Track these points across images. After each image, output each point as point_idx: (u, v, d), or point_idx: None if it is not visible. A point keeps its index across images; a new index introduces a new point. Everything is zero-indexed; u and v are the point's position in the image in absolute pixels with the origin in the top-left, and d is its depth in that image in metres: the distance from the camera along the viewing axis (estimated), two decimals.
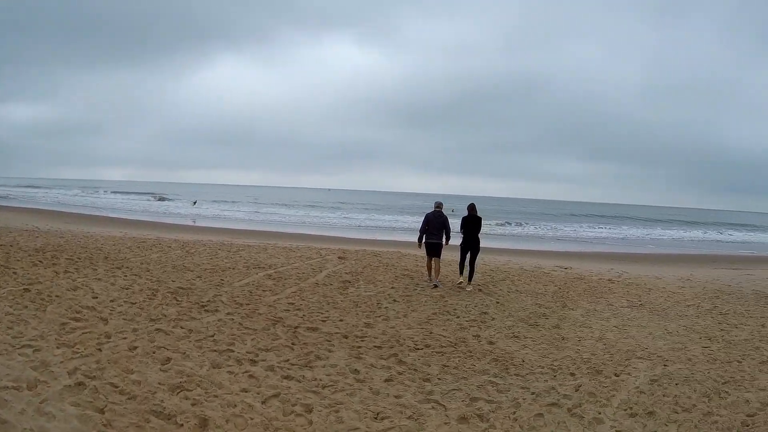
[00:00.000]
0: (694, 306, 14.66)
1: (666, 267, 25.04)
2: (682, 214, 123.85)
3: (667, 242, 49.79)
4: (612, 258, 28.92)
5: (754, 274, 23.12)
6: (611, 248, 37.92)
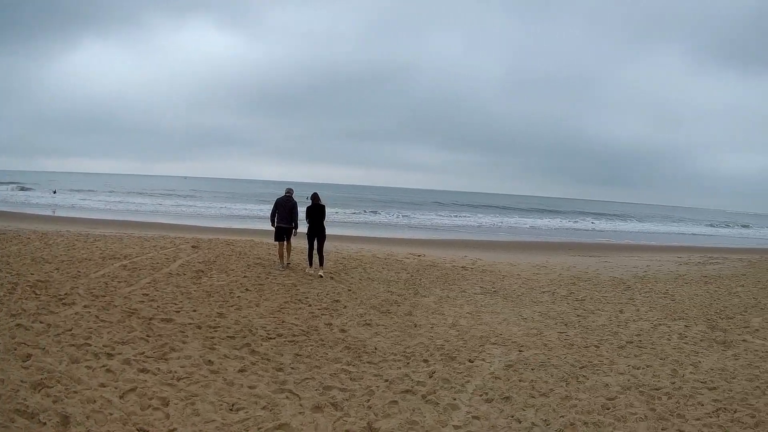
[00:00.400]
0: (549, 292, 15.41)
1: (521, 254, 26.32)
2: (540, 203, 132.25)
3: (523, 230, 52.33)
4: (466, 245, 30.69)
5: (611, 261, 24.64)
6: (466, 236, 39.94)
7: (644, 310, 13.80)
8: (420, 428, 6.26)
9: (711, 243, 49.74)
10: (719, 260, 27.29)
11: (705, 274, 21.39)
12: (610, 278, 18.81)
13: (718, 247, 42.13)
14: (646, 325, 12.17)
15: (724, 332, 11.80)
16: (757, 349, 10.64)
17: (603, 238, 46.94)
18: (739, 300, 15.77)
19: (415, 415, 6.57)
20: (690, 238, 58.15)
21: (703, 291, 17.07)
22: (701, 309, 14.14)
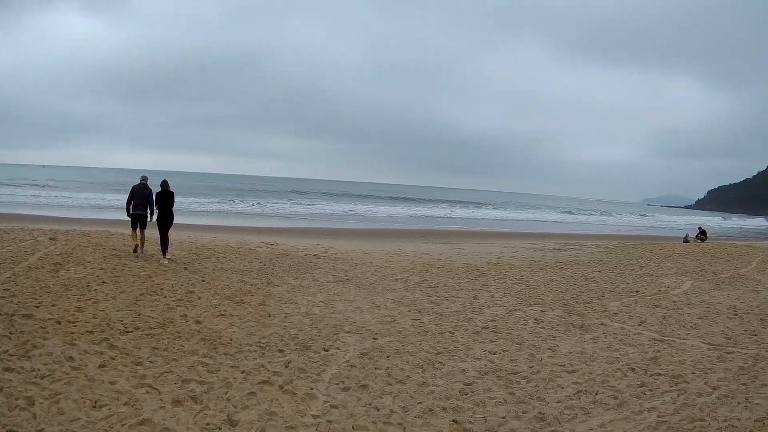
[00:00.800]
0: (402, 280, 15.89)
1: (374, 242, 26.96)
2: (396, 191, 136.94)
3: (377, 218, 54.05)
4: (319, 233, 32.01)
5: (465, 248, 25.57)
6: (319, 224, 41.24)
7: (499, 296, 14.52)
8: (279, 419, 6.42)
9: (568, 230, 52.58)
10: (575, 246, 28.94)
11: (560, 260, 22.70)
12: (463, 265, 19.59)
13: (574, 234, 44.59)
14: (501, 310, 12.81)
15: (581, 317, 12.61)
16: (616, 332, 11.42)
17: (457, 225, 48.88)
18: (596, 285, 16.87)
19: (274, 405, 6.75)
20: (546, 225, 61.39)
21: (558, 276, 18.15)
22: (557, 294, 15.06)
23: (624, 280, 18.04)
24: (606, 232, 51.96)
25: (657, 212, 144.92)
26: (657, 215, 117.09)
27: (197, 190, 78.48)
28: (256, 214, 51.44)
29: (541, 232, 46.34)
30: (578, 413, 7.10)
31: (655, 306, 14.27)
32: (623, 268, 21.09)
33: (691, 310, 14.00)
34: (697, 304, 14.73)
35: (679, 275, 19.96)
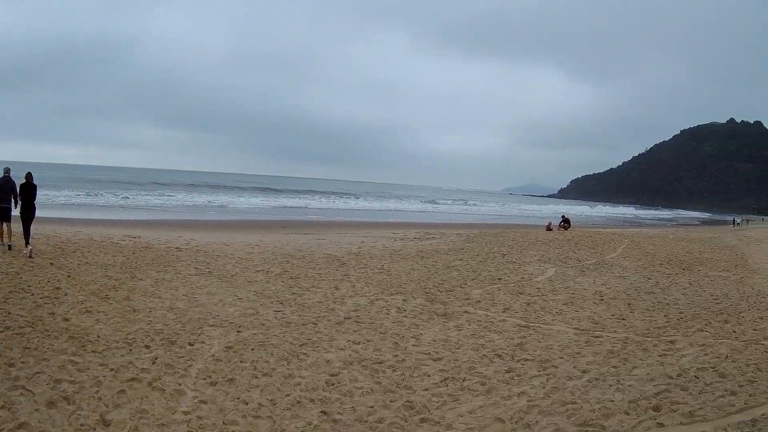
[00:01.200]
0: (263, 271, 16.01)
1: (235, 233, 27.07)
2: (259, 182, 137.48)
3: (238, 209, 54.28)
4: (181, 225, 31.62)
5: (325, 238, 25.84)
6: (181, 215, 41.13)
7: (360, 285, 14.81)
8: (150, 417, 6.43)
9: (429, 219, 53.85)
10: (436, 236, 29.78)
11: (422, 249, 23.31)
12: (324, 255, 19.89)
13: (435, 223, 45.80)
14: (363, 300, 13.07)
15: (444, 305, 13.00)
16: (480, 320, 11.83)
17: (317, 216, 49.55)
18: (458, 273, 17.41)
19: (144, 403, 6.75)
20: (408, 214, 62.46)
21: (420, 265, 18.62)
22: (419, 283, 15.45)
23: (486, 268, 18.67)
24: (467, 222, 53.52)
25: (519, 201, 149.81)
26: (519, 204, 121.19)
27: (59, 182, 75.31)
28: (119, 206, 50.30)
29: (403, 221, 47.20)
30: (447, 400, 7.33)
31: (519, 293, 14.87)
32: (485, 256, 21.87)
33: (555, 296, 14.71)
34: (561, 291, 15.47)
35: (543, 263, 20.92)
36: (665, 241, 35.08)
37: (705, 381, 8.38)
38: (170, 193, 73.25)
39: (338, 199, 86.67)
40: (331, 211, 58.98)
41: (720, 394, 7.83)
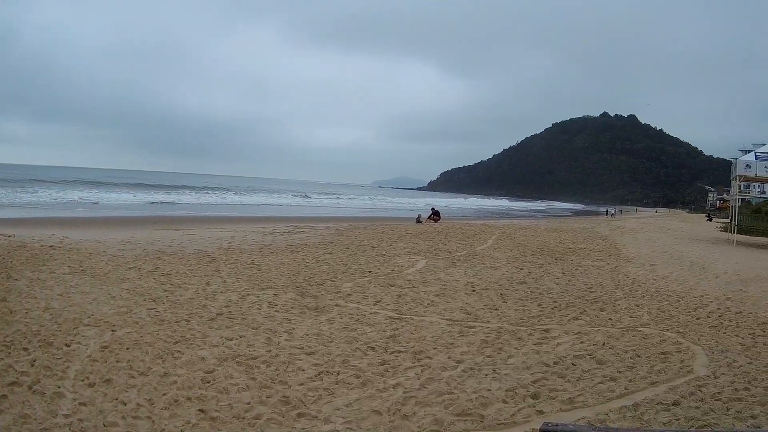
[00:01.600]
0: (135, 268, 15.86)
1: (107, 230, 26.62)
2: (133, 177, 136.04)
3: (112, 205, 53.91)
4: (54, 223, 30.98)
5: (196, 234, 25.73)
6: (54, 213, 40.40)
7: (231, 281, 14.90)
8: (33, 421, 6.38)
9: (299, 213, 54.18)
10: (306, 230, 30.07)
11: (291, 243, 23.53)
12: (195, 251, 19.88)
13: (305, 217, 46.16)
14: (234, 296, 13.16)
15: (315, 298, 13.23)
16: (351, 312, 12.11)
17: (188, 211, 49.36)
18: (328, 267, 17.72)
19: (26, 407, 6.68)
20: (278, 208, 62.66)
21: (290, 260, 18.85)
22: (289, 277, 15.67)
23: (356, 261, 19.08)
24: (337, 215, 54.02)
25: (389, 194, 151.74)
26: (389, 197, 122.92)
27: None
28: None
29: (273, 215, 47.36)
30: (323, 394, 7.50)
31: (390, 285, 15.25)
32: (355, 249, 22.33)
33: (427, 288, 15.15)
34: (432, 282, 15.94)
35: (413, 255, 21.52)
36: (537, 232, 36.51)
37: (583, 368, 8.90)
38: (44, 189, 70.91)
39: (209, 194, 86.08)
40: (202, 206, 58.61)
41: (599, 381, 8.32)
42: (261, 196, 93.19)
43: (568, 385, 8.16)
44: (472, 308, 13.00)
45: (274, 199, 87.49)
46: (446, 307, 13.00)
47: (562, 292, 15.42)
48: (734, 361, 9.54)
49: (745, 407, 7.42)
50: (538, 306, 13.52)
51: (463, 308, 12.96)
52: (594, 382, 8.27)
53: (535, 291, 15.39)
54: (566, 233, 37.29)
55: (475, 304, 13.47)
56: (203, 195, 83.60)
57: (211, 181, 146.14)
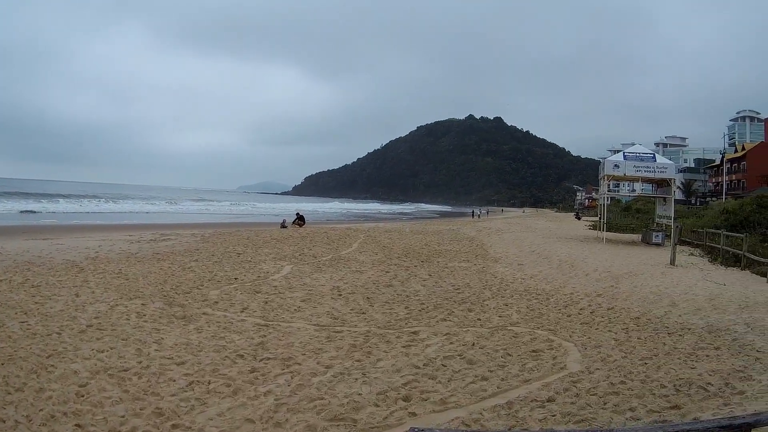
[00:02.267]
0: (6, 281, 15.24)
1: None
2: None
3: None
4: None
5: (64, 243, 24.79)
6: None
7: (99, 291, 14.52)
8: None
9: (165, 220, 52.84)
10: (172, 237, 29.61)
11: (157, 251, 23.14)
12: (63, 261, 19.22)
13: (170, 224, 44.97)
14: (103, 306, 12.87)
15: (182, 307, 13.09)
16: (219, 321, 12.05)
17: (57, 220, 47.21)
18: (194, 274, 17.53)
19: None
20: (144, 216, 61.07)
21: (156, 268, 18.54)
22: (157, 286, 15.43)
23: (222, 269, 18.95)
24: (203, 221, 53.14)
25: (254, 199, 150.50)
26: (254, 202, 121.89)
27: None
28: None
29: (139, 223, 46.12)
30: (195, 404, 7.48)
31: (256, 292, 15.25)
32: (220, 256, 22.15)
33: (293, 293, 15.19)
34: (298, 288, 15.99)
35: (278, 260, 21.51)
36: (402, 235, 36.87)
37: (453, 369, 9.18)
38: None
39: (76, 202, 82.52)
40: (71, 215, 56.07)
41: (471, 381, 8.61)
42: (128, 203, 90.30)
43: (440, 386, 8.40)
44: (339, 313, 13.18)
45: (140, 205, 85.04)
46: (313, 313, 13.14)
47: (429, 294, 15.74)
48: (608, 356, 10.06)
49: (622, 400, 7.83)
50: (406, 309, 13.79)
51: (330, 313, 13.14)
52: (466, 382, 8.53)
53: (401, 294, 15.64)
54: (432, 235, 37.74)
55: (342, 308, 13.65)
56: (72, 203, 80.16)
57: (79, 189, 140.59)
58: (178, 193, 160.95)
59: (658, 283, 18.50)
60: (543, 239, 38.19)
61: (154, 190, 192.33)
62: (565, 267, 22.56)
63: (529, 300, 15.30)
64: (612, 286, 17.82)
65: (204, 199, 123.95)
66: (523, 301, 15.08)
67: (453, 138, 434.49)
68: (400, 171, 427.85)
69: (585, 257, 26.45)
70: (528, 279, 19.14)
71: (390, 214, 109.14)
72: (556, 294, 16.28)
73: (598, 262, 24.50)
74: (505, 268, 21.65)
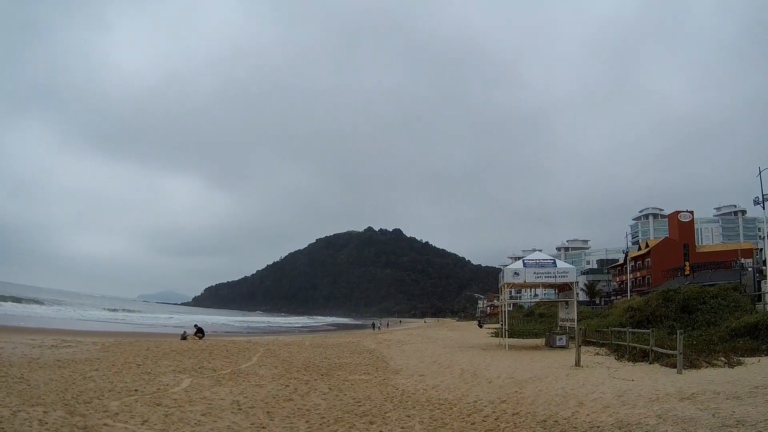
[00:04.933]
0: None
1: None
2: None
3: None
4: None
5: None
6: None
7: (1, 396, 13.23)
8: None
9: (67, 326, 49.74)
10: (72, 343, 27.43)
11: (59, 357, 21.33)
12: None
13: (71, 330, 42.30)
14: (6, 412, 11.67)
15: (83, 417, 11.92)
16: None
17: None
18: (95, 384, 16.08)
19: None
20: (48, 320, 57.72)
21: (58, 375, 16.98)
22: (58, 394, 14.06)
23: (122, 379, 17.42)
24: (103, 329, 50.57)
25: (154, 309, 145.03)
26: (154, 312, 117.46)
27: None
28: None
29: (40, 327, 43.34)
30: None
31: (157, 404, 13.98)
32: (120, 366, 20.38)
33: (193, 407, 14.01)
34: (198, 401, 14.77)
35: (178, 373, 19.87)
36: (302, 348, 34.95)
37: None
38: None
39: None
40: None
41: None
42: (33, 306, 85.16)
43: None
44: (239, 427, 12.32)
45: (43, 310, 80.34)
46: (213, 427, 12.22)
47: (330, 407, 14.90)
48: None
49: None
50: (306, 423, 13.02)
51: (231, 427, 12.26)
52: None
53: (302, 408, 14.76)
54: (332, 348, 36.15)
55: (242, 422, 12.75)
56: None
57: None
58: (80, 299, 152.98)
59: (564, 385, 18.12)
60: (444, 349, 36.74)
61: (54, 293, 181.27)
62: (467, 375, 21.78)
63: (432, 410, 14.65)
64: (516, 392, 17.27)
65: (105, 306, 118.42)
66: (426, 412, 14.43)
67: (352, 250, 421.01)
68: (300, 283, 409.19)
69: (488, 365, 25.53)
70: (430, 389, 18.40)
71: (289, 327, 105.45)
72: (459, 403, 15.67)
73: (501, 368, 23.76)
74: (407, 380, 20.80)
